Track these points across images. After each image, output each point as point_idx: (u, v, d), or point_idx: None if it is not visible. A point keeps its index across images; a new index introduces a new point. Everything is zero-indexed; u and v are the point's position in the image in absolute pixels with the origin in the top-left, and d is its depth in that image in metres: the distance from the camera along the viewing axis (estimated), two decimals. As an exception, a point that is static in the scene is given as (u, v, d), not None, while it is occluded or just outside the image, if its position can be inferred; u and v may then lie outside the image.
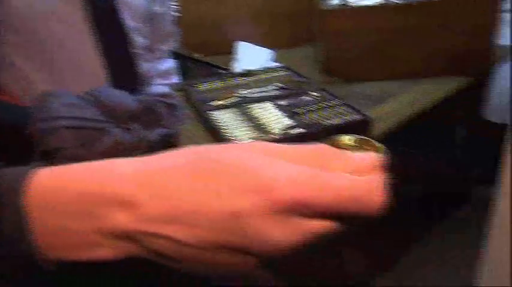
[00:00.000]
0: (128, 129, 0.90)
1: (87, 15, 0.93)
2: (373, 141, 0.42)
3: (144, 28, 1.07)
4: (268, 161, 0.25)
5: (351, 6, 1.31)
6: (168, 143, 0.95)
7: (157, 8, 1.12)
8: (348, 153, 0.29)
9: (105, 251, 0.27)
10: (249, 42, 1.62)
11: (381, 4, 1.30)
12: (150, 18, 1.10)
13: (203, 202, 0.24)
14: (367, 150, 0.40)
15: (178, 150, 0.27)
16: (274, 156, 0.26)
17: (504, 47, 1.49)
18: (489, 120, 1.52)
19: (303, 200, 0.24)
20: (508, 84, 1.40)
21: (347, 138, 0.37)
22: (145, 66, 1.10)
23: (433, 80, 1.36)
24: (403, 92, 1.31)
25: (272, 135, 1.07)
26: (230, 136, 1.07)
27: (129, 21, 1.01)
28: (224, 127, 1.12)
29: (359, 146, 0.41)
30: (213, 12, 1.64)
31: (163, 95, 1.01)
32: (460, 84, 1.33)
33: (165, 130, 0.95)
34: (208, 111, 1.19)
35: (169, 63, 1.28)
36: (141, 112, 0.92)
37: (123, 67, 1.00)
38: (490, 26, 1.30)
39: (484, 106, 1.46)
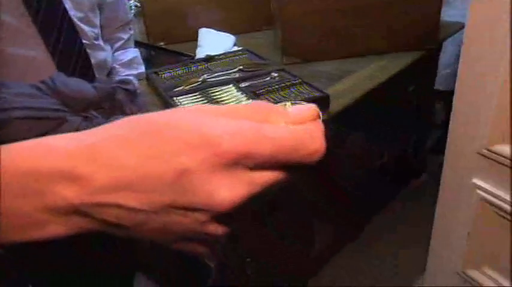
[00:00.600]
0: (87, 117, 0.89)
1: (28, 7, 0.91)
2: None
3: (92, 17, 1.06)
4: (211, 118, 0.25)
5: (306, -12, 1.35)
6: None
7: None
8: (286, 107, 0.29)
9: (55, 228, 0.26)
10: (211, 28, 1.64)
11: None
12: (100, 7, 1.10)
13: (150, 166, 0.24)
14: None
15: (118, 120, 0.27)
16: (217, 115, 0.26)
17: (450, 23, 1.57)
18: (439, 90, 1.59)
19: (246, 152, 0.24)
20: (454, 56, 1.48)
21: (286, 105, 0.42)
22: (101, 55, 1.10)
23: (389, 56, 1.41)
24: (360, 69, 1.36)
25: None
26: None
27: (74, 11, 1.00)
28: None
29: None
30: (175, 1, 1.65)
31: (122, 82, 1.01)
32: (414, 58, 1.38)
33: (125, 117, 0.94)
34: (172, 98, 1.21)
35: (133, 53, 1.27)
36: (100, 99, 0.91)
37: (71, 58, 1.00)
38: (437, 5, 1.36)
39: (434, 77, 1.52)
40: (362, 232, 1.70)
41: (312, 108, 0.29)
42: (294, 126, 0.27)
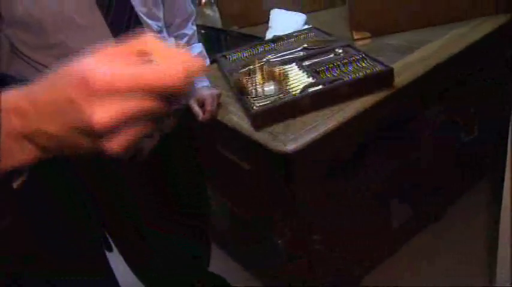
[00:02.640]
0: None
1: (100, 6, 1.00)
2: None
3: (156, 11, 1.12)
4: (94, 62, 0.35)
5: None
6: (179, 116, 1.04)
7: None
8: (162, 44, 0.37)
9: (18, 156, 0.38)
10: (285, 8, 1.64)
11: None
12: (163, 1, 1.16)
13: (55, 98, 0.35)
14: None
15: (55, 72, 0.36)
16: (105, 57, 0.35)
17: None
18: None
19: (110, 82, 0.33)
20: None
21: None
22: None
23: (472, 23, 1.29)
24: (435, 39, 1.27)
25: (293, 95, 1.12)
26: (253, 100, 1.14)
27: (139, 7, 1.06)
28: (248, 93, 1.17)
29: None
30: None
31: None
32: (499, 23, 1.25)
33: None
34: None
35: (198, 48, 1.32)
36: None
37: None
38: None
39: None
40: (444, 214, 1.59)
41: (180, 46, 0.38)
42: (157, 61, 0.35)
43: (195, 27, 1.32)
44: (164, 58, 0.36)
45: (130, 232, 1.20)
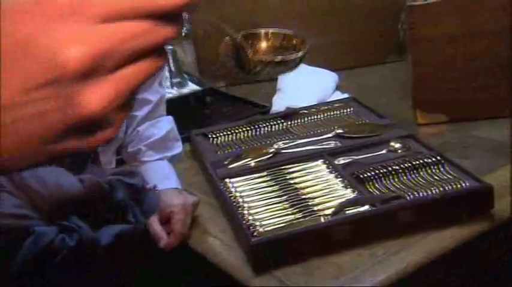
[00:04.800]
0: (66, 227, 0.96)
1: None
2: None
3: None
4: None
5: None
6: (130, 242, 1.03)
7: None
8: None
9: None
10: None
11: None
12: None
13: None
14: None
15: None
16: None
17: None
18: None
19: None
20: None
21: None
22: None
23: None
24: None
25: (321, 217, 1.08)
26: (252, 220, 1.09)
27: None
28: (243, 206, 1.13)
29: None
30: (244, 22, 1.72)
31: (124, 173, 1.07)
32: None
33: (123, 227, 1.02)
34: (224, 180, 1.22)
35: (167, 124, 1.33)
36: (88, 200, 0.98)
37: None
38: None
39: None
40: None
41: None
42: None
43: (163, 91, 1.34)
44: None
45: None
